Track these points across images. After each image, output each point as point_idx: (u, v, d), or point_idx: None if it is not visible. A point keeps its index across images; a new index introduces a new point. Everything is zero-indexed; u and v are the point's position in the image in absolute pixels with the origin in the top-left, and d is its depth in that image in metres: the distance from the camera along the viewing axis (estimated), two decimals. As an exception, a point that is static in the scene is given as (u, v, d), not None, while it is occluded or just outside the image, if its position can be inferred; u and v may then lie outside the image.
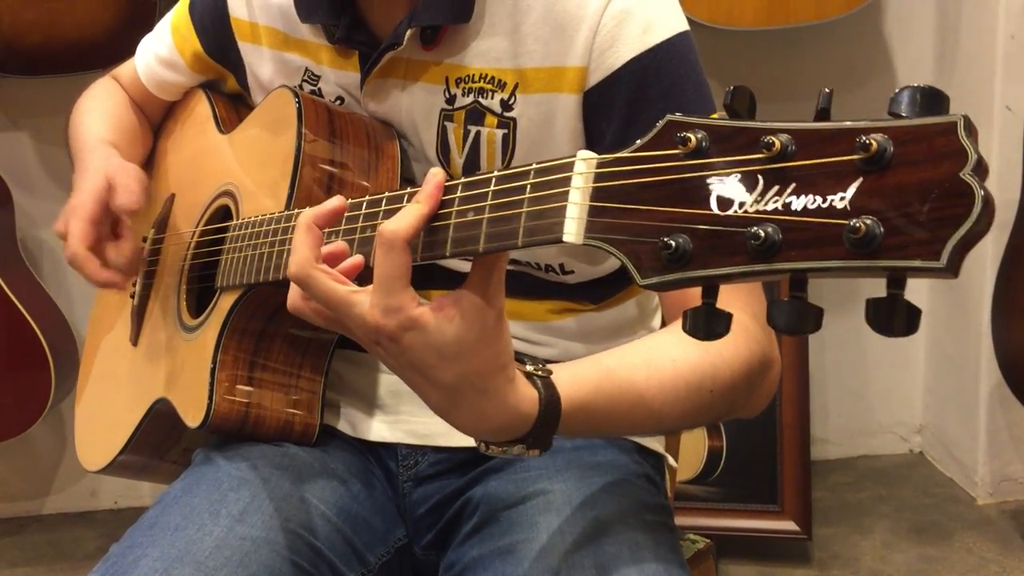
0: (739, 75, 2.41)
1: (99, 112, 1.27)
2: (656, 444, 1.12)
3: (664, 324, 1.07)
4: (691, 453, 2.23)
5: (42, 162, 2.41)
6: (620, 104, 0.97)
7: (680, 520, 1.06)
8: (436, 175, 0.75)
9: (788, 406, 2.23)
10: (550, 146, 1.00)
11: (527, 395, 0.77)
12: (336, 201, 0.79)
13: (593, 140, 0.99)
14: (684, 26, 0.99)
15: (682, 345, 0.88)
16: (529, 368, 0.80)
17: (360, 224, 0.84)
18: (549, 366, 0.81)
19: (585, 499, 0.97)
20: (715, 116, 0.61)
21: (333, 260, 0.78)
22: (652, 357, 0.87)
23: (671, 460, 1.17)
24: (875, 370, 2.55)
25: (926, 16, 2.42)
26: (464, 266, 1.00)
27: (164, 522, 0.96)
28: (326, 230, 0.79)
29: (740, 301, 0.91)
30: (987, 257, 2.22)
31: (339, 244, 0.80)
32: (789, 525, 2.17)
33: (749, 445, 2.23)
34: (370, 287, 0.74)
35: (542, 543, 0.92)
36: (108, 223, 1.13)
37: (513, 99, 1.00)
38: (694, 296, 0.62)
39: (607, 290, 1.10)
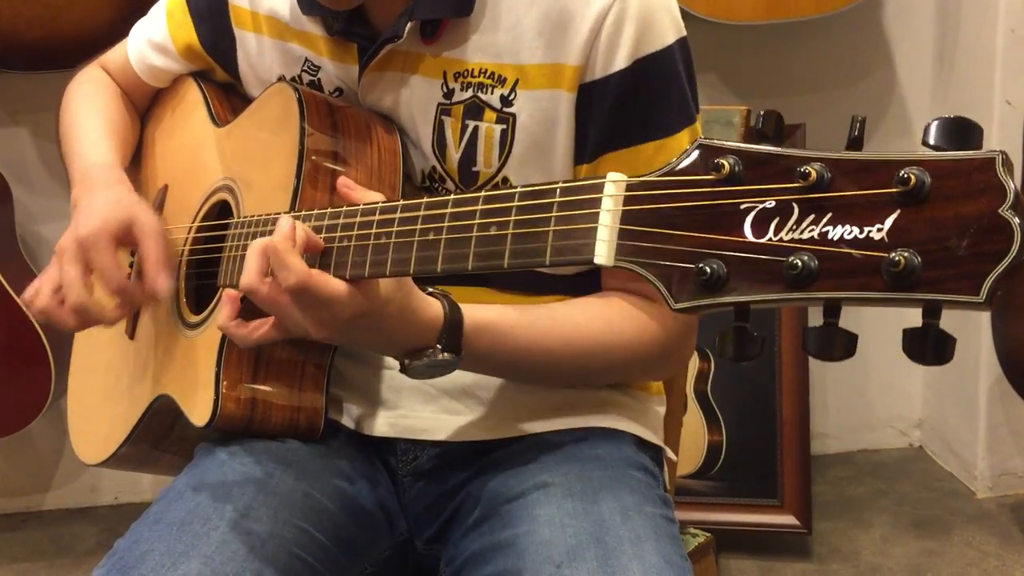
0: (738, 70, 2.41)
1: (91, 113, 1.25)
2: (655, 437, 1.13)
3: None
4: (691, 447, 2.23)
5: (41, 158, 2.40)
6: (606, 108, 0.98)
7: (680, 514, 1.06)
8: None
9: (788, 401, 2.23)
10: (550, 144, 1.01)
11: (431, 303, 0.92)
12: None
13: (577, 139, 1.00)
14: (680, 33, 1.01)
15: (587, 314, 1.02)
16: (426, 288, 0.93)
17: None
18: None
19: (585, 492, 0.97)
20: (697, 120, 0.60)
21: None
22: (556, 315, 1.01)
23: (670, 453, 1.17)
24: (875, 365, 2.55)
25: (926, 10, 2.42)
26: None
27: (170, 517, 0.96)
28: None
29: None
30: (987, 252, 2.22)
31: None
32: (789, 519, 2.18)
33: (749, 440, 2.23)
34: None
35: (543, 536, 0.92)
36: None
37: (513, 95, 1.00)
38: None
39: None
